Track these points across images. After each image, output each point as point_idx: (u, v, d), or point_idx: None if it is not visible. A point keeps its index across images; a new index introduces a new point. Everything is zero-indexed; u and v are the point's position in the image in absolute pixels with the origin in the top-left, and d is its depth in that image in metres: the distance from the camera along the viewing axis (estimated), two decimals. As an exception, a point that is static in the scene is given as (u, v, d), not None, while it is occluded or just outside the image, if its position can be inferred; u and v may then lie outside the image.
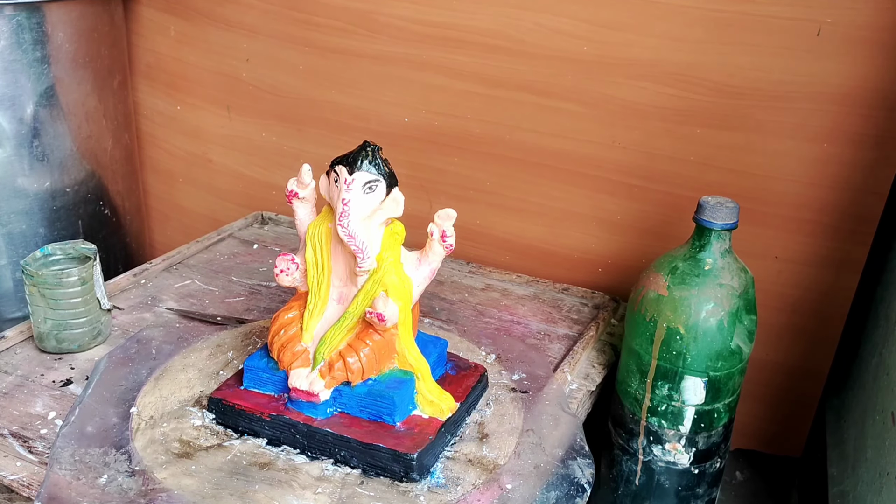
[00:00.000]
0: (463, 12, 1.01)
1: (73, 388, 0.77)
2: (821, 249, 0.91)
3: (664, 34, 0.91)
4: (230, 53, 1.19)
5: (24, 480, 0.64)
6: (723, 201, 0.73)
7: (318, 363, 0.68)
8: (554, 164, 1.03)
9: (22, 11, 1.03)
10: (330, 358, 0.67)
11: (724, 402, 0.77)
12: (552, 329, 0.93)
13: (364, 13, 1.07)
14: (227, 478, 0.64)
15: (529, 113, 1.01)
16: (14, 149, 1.07)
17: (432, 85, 1.06)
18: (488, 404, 0.76)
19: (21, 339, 0.85)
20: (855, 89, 0.84)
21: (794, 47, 0.85)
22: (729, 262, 0.74)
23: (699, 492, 0.82)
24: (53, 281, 0.78)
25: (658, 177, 0.97)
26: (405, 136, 1.10)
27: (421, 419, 0.69)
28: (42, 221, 1.13)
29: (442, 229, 0.68)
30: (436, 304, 0.96)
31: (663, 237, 0.99)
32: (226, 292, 0.97)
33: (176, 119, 1.30)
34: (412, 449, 0.65)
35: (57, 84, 1.10)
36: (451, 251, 0.69)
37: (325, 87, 1.14)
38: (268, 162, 1.23)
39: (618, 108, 0.96)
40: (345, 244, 0.65)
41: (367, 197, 0.65)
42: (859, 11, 0.81)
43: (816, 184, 0.89)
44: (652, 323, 0.75)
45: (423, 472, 0.66)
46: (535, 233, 1.08)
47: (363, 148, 0.65)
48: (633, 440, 0.81)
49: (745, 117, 0.90)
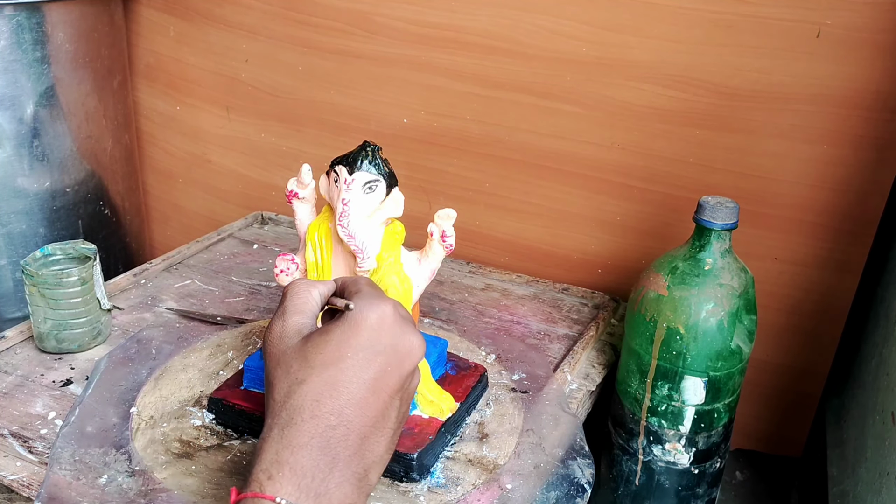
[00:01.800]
0: (462, 13, 1.01)
1: (73, 388, 0.77)
2: (821, 251, 0.91)
3: (664, 36, 0.91)
4: (229, 54, 1.19)
5: (24, 480, 0.64)
6: (723, 201, 0.73)
7: None
8: (553, 166, 1.03)
9: (22, 11, 1.02)
10: None
11: (724, 402, 0.77)
12: (552, 329, 0.93)
13: (363, 14, 1.07)
14: (228, 478, 0.64)
15: (529, 114, 1.01)
16: (14, 149, 1.07)
17: (431, 86, 1.06)
18: (488, 404, 0.76)
19: (21, 339, 0.85)
20: (855, 91, 0.84)
21: (794, 49, 0.85)
22: (729, 262, 0.74)
23: (699, 492, 0.82)
24: (53, 281, 0.78)
25: (657, 178, 0.97)
26: (404, 137, 1.10)
27: (421, 419, 0.69)
28: (42, 221, 1.13)
29: (442, 229, 0.68)
30: (436, 304, 0.97)
31: (663, 238, 0.99)
32: (226, 292, 0.97)
33: (175, 119, 1.30)
34: (412, 449, 0.65)
35: (57, 84, 1.10)
36: (451, 251, 0.70)
37: (324, 87, 1.14)
38: (267, 162, 1.24)
39: (617, 110, 0.96)
40: (345, 244, 0.65)
41: (368, 197, 0.65)
42: (859, 13, 0.81)
43: (816, 185, 0.89)
44: (652, 323, 0.76)
45: (423, 471, 0.66)
46: (534, 234, 1.08)
47: (363, 148, 0.65)
48: (633, 440, 0.81)
49: (744, 119, 0.90)
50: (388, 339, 0.51)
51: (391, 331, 0.51)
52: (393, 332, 0.51)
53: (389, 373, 0.50)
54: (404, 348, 0.51)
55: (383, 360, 0.50)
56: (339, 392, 0.48)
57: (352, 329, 0.50)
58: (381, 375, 0.50)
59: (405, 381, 0.52)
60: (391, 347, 0.50)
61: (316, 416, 0.47)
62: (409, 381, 0.53)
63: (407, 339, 0.51)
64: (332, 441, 0.47)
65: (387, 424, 0.51)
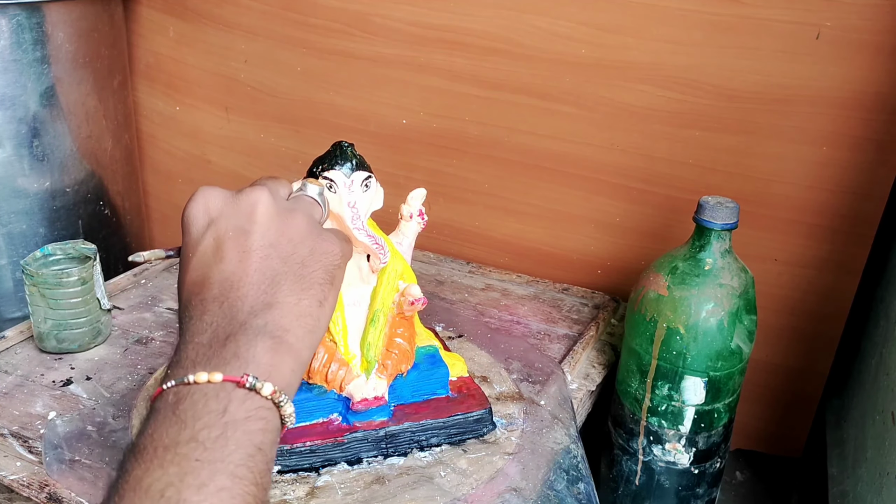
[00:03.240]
0: (461, 14, 1.01)
1: (73, 388, 0.77)
2: (820, 252, 0.92)
3: (663, 37, 0.91)
4: (228, 55, 1.20)
5: (24, 480, 0.64)
6: (723, 201, 0.73)
7: (371, 368, 0.67)
8: (552, 167, 1.03)
9: (22, 11, 1.03)
10: (380, 358, 0.67)
11: (724, 402, 0.77)
12: (552, 329, 0.93)
13: (362, 15, 1.07)
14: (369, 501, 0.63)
15: (528, 115, 1.02)
16: (14, 149, 1.07)
17: (430, 87, 1.06)
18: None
19: (21, 339, 0.85)
20: (854, 92, 0.84)
21: (794, 51, 0.86)
22: (729, 262, 0.74)
23: (699, 492, 0.82)
24: (53, 281, 0.78)
25: (657, 179, 0.97)
26: (403, 138, 1.11)
27: (456, 382, 0.72)
28: (42, 221, 1.13)
29: (419, 209, 0.71)
30: (436, 304, 0.97)
31: (662, 240, 0.99)
32: (225, 293, 0.97)
33: (175, 119, 1.30)
34: (484, 404, 0.70)
35: (57, 84, 1.10)
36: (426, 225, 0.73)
37: (322, 88, 1.14)
38: (266, 163, 1.23)
39: (616, 111, 0.97)
40: (358, 246, 0.65)
41: (366, 195, 0.65)
42: (858, 15, 0.82)
43: (816, 187, 0.89)
44: (652, 323, 0.76)
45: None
46: (533, 235, 1.08)
47: (344, 148, 0.64)
48: (633, 440, 0.81)
49: (744, 120, 0.90)
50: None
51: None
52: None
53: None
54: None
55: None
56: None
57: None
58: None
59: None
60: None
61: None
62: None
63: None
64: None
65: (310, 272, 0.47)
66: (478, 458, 0.67)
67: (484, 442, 0.69)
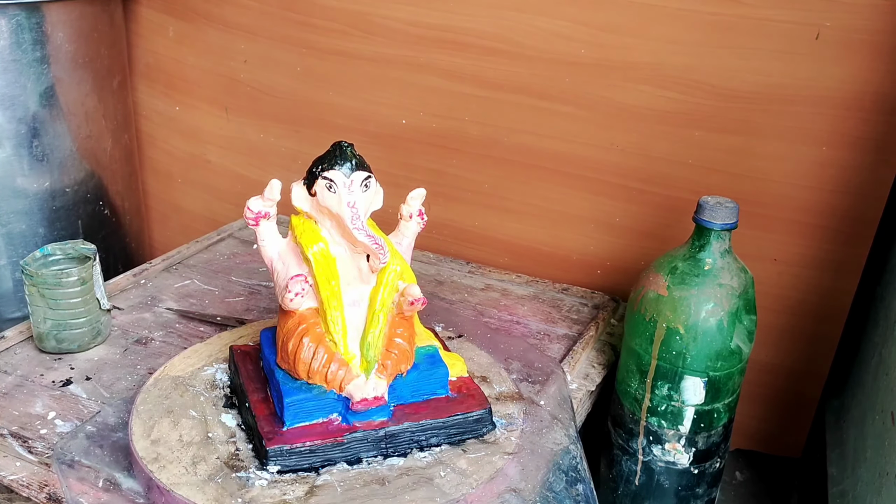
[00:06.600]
0: (460, 15, 1.01)
1: (73, 389, 0.77)
2: (820, 252, 0.92)
3: (662, 37, 0.91)
4: (228, 55, 1.20)
5: (24, 480, 0.64)
6: (722, 201, 0.73)
7: (371, 368, 0.67)
8: (552, 167, 1.03)
9: (22, 11, 1.03)
10: (380, 358, 0.67)
11: (723, 402, 0.77)
12: (552, 329, 0.93)
13: (361, 15, 1.07)
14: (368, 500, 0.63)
15: (527, 115, 1.02)
16: (14, 149, 1.07)
17: (430, 87, 1.06)
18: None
19: (21, 339, 0.84)
20: (854, 92, 0.84)
21: (793, 51, 0.86)
22: (729, 262, 0.74)
23: (699, 492, 0.82)
24: (53, 281, 0.78)
25: (656, 179, 0.97)
26: (403, 138, 1.11)
27: (455, 382, 0.72)
28: (42, 221, 1.13)
29: (418, 209, 0.71)
30: (436, 304, 0.97)
31: (662, 240, 0.99)
32: (225, 292, 0.97)
33: (175, 119, 1.30)
34: (484, 404, 0.69)
35: (57, 84, 1.10)
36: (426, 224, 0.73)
37: (322, 88, 1.14)
38: (266, 163, 1.24)
39: (616, 111, 0.97)
40: (355, 247, 0.64)
41: (366, 195, 0.65)
42: (858, 15, 0.82)
43: (815, 187, 0.89)
44: (652, 323, 0.76)
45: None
46: (533, 235, 1.08)
47: (344, 148, 0.64)
48: (633, 440, 0.81)
49: (743, 120, 0.90)
50: None
51: None
52: None
53: None
54: None
55: None
56: None
57: None
58: None
59: None
60: None
61: None
62: None
63: None
64: None
65: None
66: (477, 458, 0.67)
67: (483, 442, 0.69)
